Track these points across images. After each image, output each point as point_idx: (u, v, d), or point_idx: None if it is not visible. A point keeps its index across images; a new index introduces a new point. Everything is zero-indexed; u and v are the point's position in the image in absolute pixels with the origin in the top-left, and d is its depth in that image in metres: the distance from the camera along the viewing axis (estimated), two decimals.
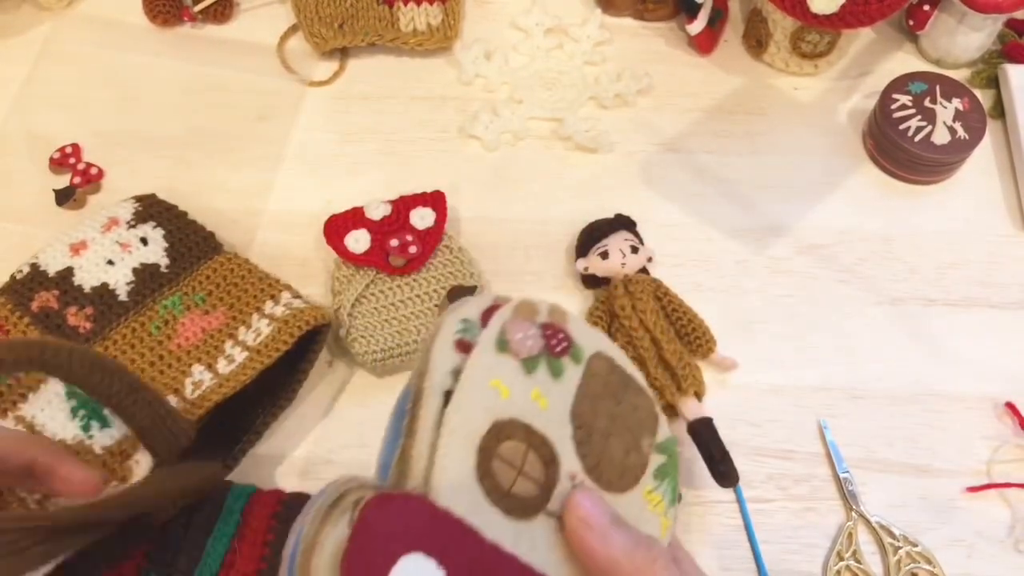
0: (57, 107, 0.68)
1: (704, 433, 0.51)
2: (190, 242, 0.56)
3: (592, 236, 0.59)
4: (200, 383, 0.49)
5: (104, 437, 0.46)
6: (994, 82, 0.69)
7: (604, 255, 0.57)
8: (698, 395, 0.53)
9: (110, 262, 0.53)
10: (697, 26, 0.68)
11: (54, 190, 0.63)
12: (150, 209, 0.56)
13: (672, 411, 0.53)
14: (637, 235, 0.59)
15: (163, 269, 0.54)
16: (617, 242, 0.57)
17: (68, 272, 0.53)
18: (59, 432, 0.46)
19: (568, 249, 0.61)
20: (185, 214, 0.57)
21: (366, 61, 0.71)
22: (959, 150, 0.62)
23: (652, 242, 0.59)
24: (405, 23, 0.70)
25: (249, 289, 0.54)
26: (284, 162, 0.65)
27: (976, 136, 0.62)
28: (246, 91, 0.69)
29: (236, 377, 0.49)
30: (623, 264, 0.57)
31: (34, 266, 0.54)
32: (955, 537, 0.51)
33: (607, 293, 0.57)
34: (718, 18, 0.70)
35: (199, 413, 0.48)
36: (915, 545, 0.50)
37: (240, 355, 0.50)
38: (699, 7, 0.67)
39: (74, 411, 0.46)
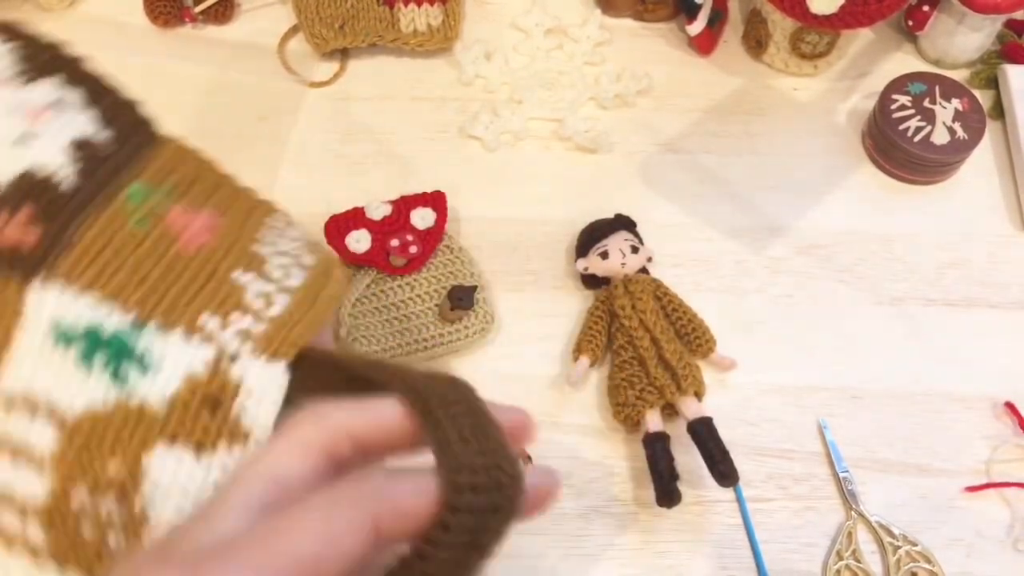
0: None
1: (704, 433, 0.51)
2: (124, 108, 0.38)
3: (592, 236, 0.59)
4: (269, 297, 0.32)
5: (156, 383, 0.29)
6: (993, 82, 0.69)
7: (604, 255, 0.57)
8: (698, 395, 0.53)
9: (18, 142, 0.33)
10: (697, 27, 0.68)
11: None
12: (42, 52, 0.38)
13: (672, 411, 0.53)
14: (637, 235, 0.59)
15: (108, 145, 0.35)
16: (617, 242, 0.57)
17: None
18: (78, 398, 0.29)
19: (568, 249, 0.61)
20: (99, 71, 0.39)
21: (366, 62, 0.71)
22: (958, 150, 0.62)
23: (652, 242, 0.59)
24: (405, 24, 0.70)
25: (227, 190, 0.37)
26: (284, 162, 0.65)
27: (975, 136, 0.62)
28: (247, 92, 0.69)
29: (322, 288, 0.34)
30: (623, 264, 0.57)
31: None
32: (954, 536, 0.51)
33: (607, 293, 0.57)
34: (718, 19, 0.70)
35: (303, 334, 0.31)
36: (914, 544, 0.50)
37: (295, 269, 0.34)
38: (699, 8, 0.67)
39: (85, 358, 0.29)
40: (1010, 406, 0.55)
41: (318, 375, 0.30)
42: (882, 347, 0.58)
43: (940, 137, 0.62)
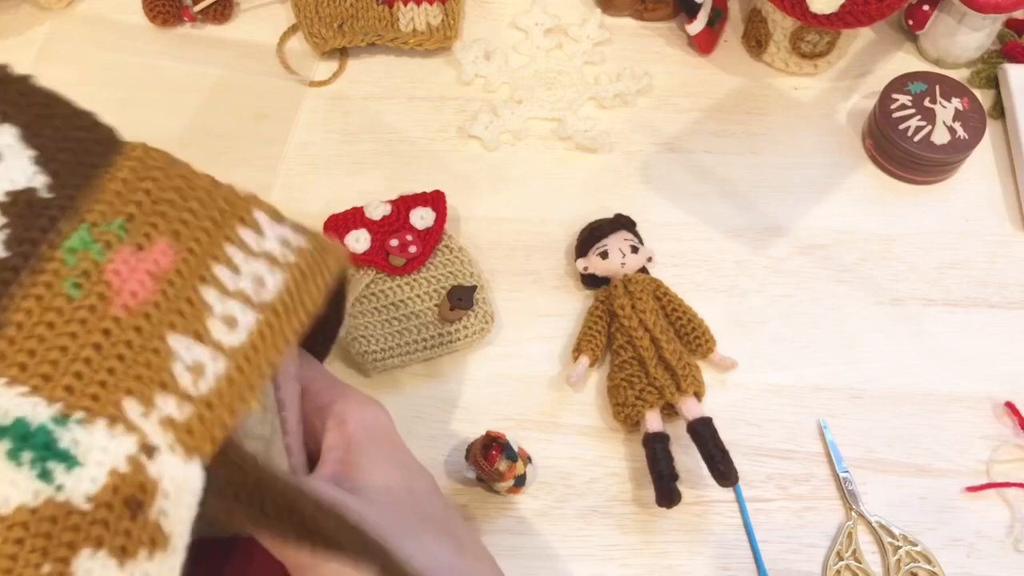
0: None
1: (704, 433, 0.51)
2: (69, 138, 0.32)
3: (592, 236, 0.59)
4: (200, 368, 0.28)
5: (82, 481, 0.27)
6: (994, 82, 0.69)
7: (604, 255, 0.57)
8: (698, 395, 0.53)
9: None
10: (697, 26, 0.68)
11: None
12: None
13: (672, 411, 0.53)
14: (637, 235, 0.59)
15: (43, 193, 0.30)
16: (617, 242, 0.57)
17: None
18: (11, 496, 0.26)
19: (568, 249, 0.61)
20: (42, 90, 0.35)
21: (366, 61, 0.71)
22: (959, 150, 0.62)
23: (652, 242, 0.59)
24: (405, 23, 0.70)
25: (197, 210, 0.32)
26: (284, 162, 0.65)
27: (976, 136, 0.62)
28: (246, 91, 0.69)
29: (262, 353, 0.30)
30: (623, 264, 0.57)
31: None
32: (955, 537, 0.51)
33: (607, 293, 0.57)
34: (718, 18, 0.70)
35: (228, 424, 0.28)
36: (915, 545, 0.50)
37: (247, 316, 0.30)
38: (699, 7, 0.67)
39: (13, 455, 0.26)
40: (1010, 406, 0.55)
41: (236, 479, 0.28)
42: (882, 347, 0.57)
43: (940, 137, 0.62)
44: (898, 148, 0.62)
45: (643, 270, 0.58)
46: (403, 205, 0.59)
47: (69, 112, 0.33)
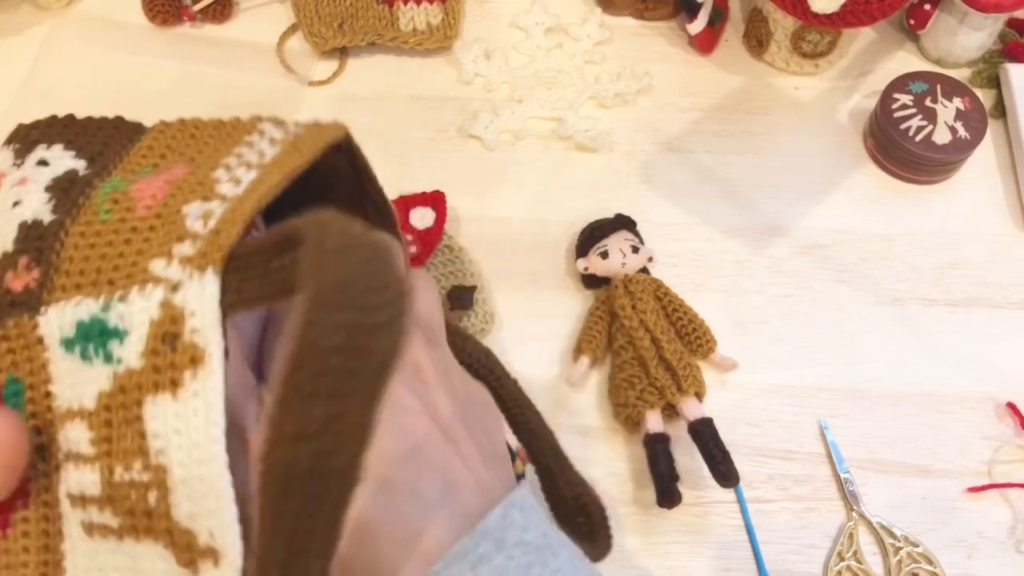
0: (56, 107, 0.68)
1: (704, 433, 0.51)
2: (104, 136, 0.39)
3: (592, 236, 0.59)
4: (209, 214, 0.31)
5: (131, 345, 0.30)
6: (995, 82, 0.68)
7: (604, 255, 0.57)
8: (698, 395, 0.53)
9: (16, 203, 0.36)
10: (697, 26, 0.68)
11: None
12: (27, 137, 0.40)
13: (673, 411, 0.53)
14: (637, 235, 0.59)
15: (82, 172, 0.37)
16: (617, 242, 0.57)
17: None
18: (91, 390, 0.30)
19: (568, 249, 0.61)
20: (73, 117, 0.41)
21: (366, 61, 0.71)
22: (960, 150, 0.62)
23: (652, 242, 0.59)
24: (405, 22, 0.70)
25: (211, 141, 0.37)
26: None
27: (977, 136, 0.62)
28: (246, 91, 0.69)
29: (259, 185, 0.32)
30: (623, 264, 0.57)
31: None
32: (956, 538, 0.51)
33: (607, 293, 0.57)
34: (718, 18, 0.70)
35: (232, 233, 0.30)
36: (916, 546, 0.50)
37: (248, 175, 0.33)
38: (699, 7, 0.67)
39: (83, 354, 0.31)
40: (1012, 407, 0.55)
41: (255, 261, 0.30)
42: (883, 347, 0.57)
43: (941, 136, 0.62)
44: (899, 148, 0.62)
45: (643, 270, 0.58)
46: (403, 205, 0.59)
47: (103, 121, 0.40)
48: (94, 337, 0.30)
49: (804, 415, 0.55)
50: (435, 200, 0.59)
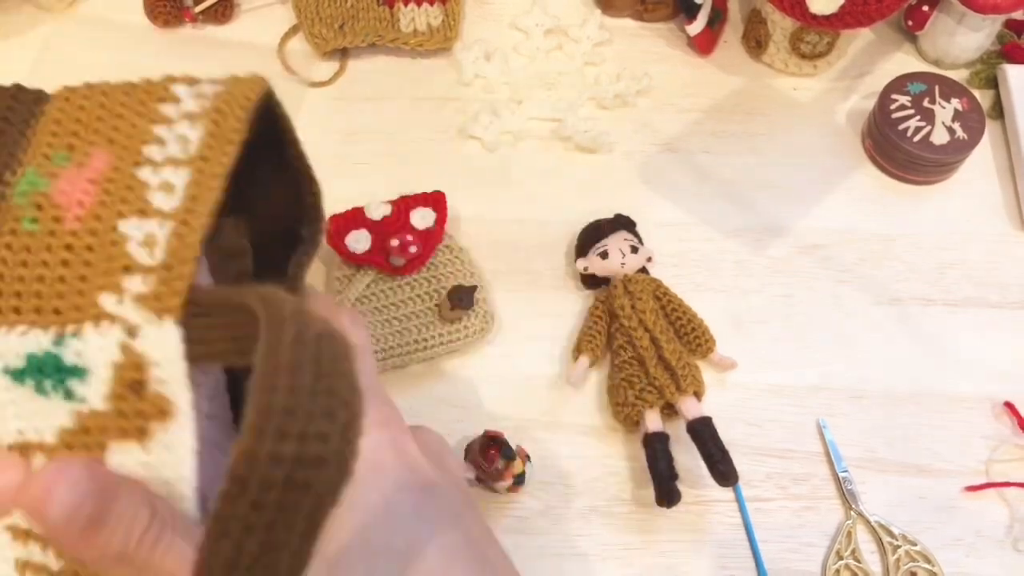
0: None
1: (703, 433, 0.51)
2: (1, 108, 0.35)
3: (592, 236, 0.59)
4: (151, 239, 0.29)
5: (93, 385, 0.28)
6: (993, 82, 0.69)
7: (604, 255, 0.57)
8: (697, 395, 0.53)
9: None
10: (696, 27, 0.68)
11: None
12: None
13: (672, 410, 0.53)
14: (637, 235, 0.59)
15: None
16: (617, 242, 0.58)
17: None
18: (50, 424, 0.29)
19: (568, 249, 0.61)
20: None
21: (366, 62, 0.71)
22: (958, 150, 0.62)
23: (652, 242, 0.59)
24: (405, 24, 0.70)
25: (124, 112, 0.34)
26: None
27: (975, 136, 0.62)
28: None
29: (199, 199, 0.30)
30: (623, 264, 0.57)
31: None
32: (954, 536, 0.51)
33: (607, 293, 0.57)
34: (717, 19, 0.70)
35: (186, 274, 0.28)
36: (914, 544, 0.50)
37: (179, 175, 0.31)
38: (698, 8, 0.67)
39: (39, 388, 0.29)
40: (1010, 406, 0.55)
41: (214, 314, 0.29)
42: (882, 347, 0.58)
43: (940, 137, 0.62)
44: (897, 148, 0.62)
45: (643, 270, 0.58)
46: (403, 205, 0.59)
47: None
48: (50, 372, 0.28)
49: (803, 414, 0.55)
50: (435, 200, 0.59)
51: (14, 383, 0.29)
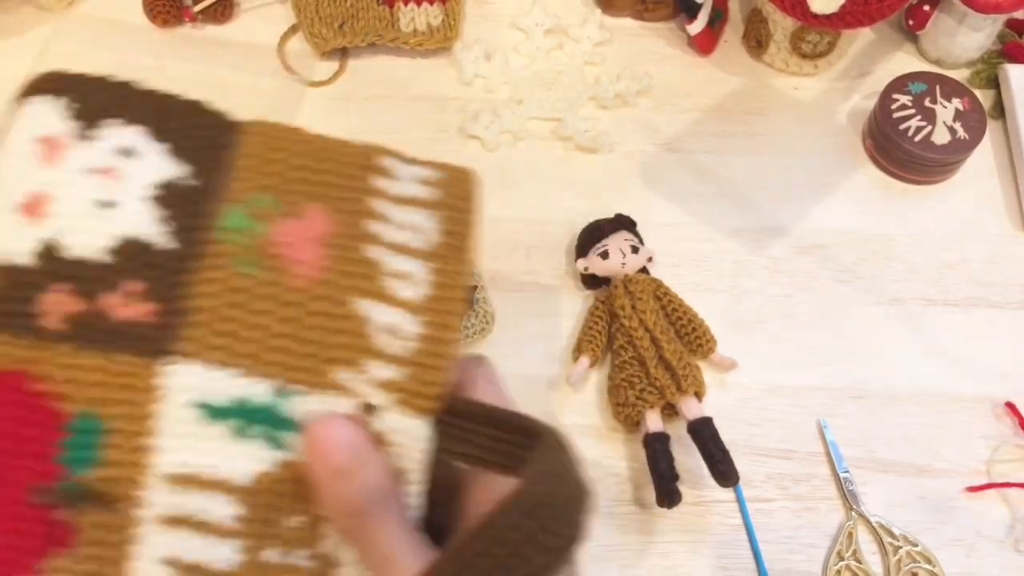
0: None
1: (704, 433, 0.51)
2: (191, 125, 0.33)
3: (592, 236, 0.59)
4: (394, 329, 0.29)
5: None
6: (994, 82, 0.69)
7: (604, 255, 0.57)
8: (698, 395, 0.53)
9: (107, 203, 0.30)
10: (697, 26, 0.68)
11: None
12: (90, 98, 0.35)
13: (672, 411, 0.53)
14: (637, 235, 0.59)
15: (189, 181, 0.31)
16: (617, 242, 0.57)
17: (51, 249, 0.30)
18: (246, 466, 0.28)
19: (568, 249, 0.61)
20: (151, 90, 0.36)
21: (366, 61, 0.71)
22: (959, 150, 0.62)
23: (652, 242, 0.59)
24: (405, 23, 0.70)
25: (330, 169, 0.33)
26: None
27: (976, 136, 0.62)
28: (246, 91, 0.69)
29: (446, 304, 0.30)
30: (623, 264, 0.57)
31: None
32: (955, 537, 0.51)
33: (607, 293, 0.57)
34: (718, 18, 0.70)
35: (439, 380, 0.29)
36: (915, 545, 0.50)
37: (417, 267, 0.30)
38: (699, 7, 0.67)
39: (240, 432, 0.28)
40: (1010, 406, 0.55)
41: (461, 421, 0.30)
42: (882, 347, 0.57)
43: (941, 137, 0.62)
44: (898, 148, 0.62)
45: (643, 270, 0.58)
46: None
47: (182, 104, 0.34)
48: (261, 421, 0.28)
49: (803, 415, 0.55)
50: None
51: (204, 418, 0.28)
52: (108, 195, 0.30)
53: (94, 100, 0.34)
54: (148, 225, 0.30)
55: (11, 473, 0.27)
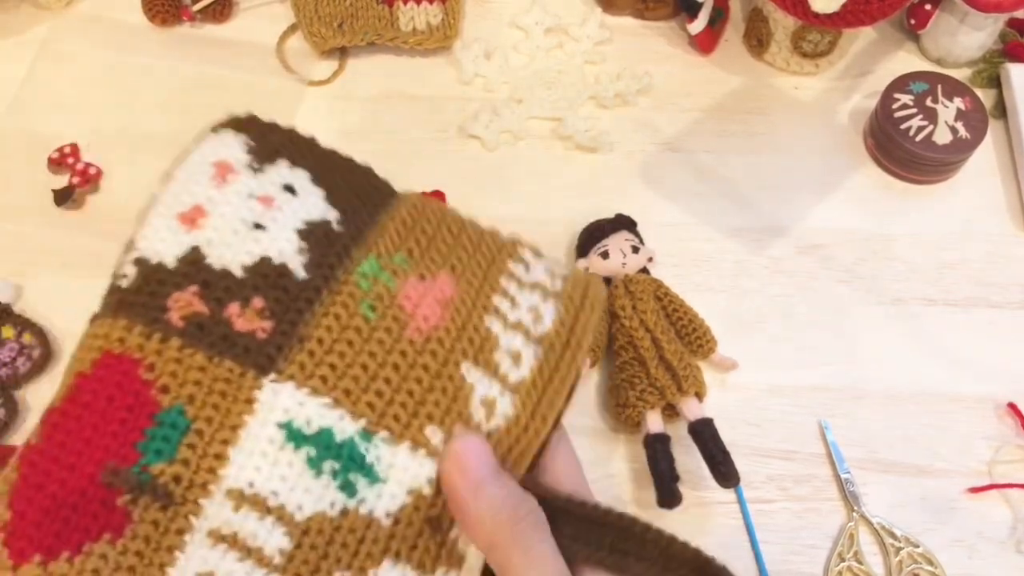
0: (56, 107, 0.68)
1: (705, 433, 0.51)
2: (352, 183, 0.36)
3: (592, 236, 0.59)
4: (491, 403, 0.30)
5: (383, 496, 0.28)
6: (995, 82, 0.68)
7: (604, 255, 0.57)
8: (699, 395, 0.53)
9: (257, 226, 0.32)
10: (697, 25, 0.68)
11: (53, 190, 0.63)
12: (268, 140, 0.37)
13: (673, 411, 0.53)
14: (637, 235, 0.59)
15: (335, 226, 0.33)
16: (617, 242, 0.57)
17: (196, 255, 0.32)
18: (306, 502, 0.28)
19: (568, 249, 0.61)
20: (325, 147, 0.38)
21: (366, 61, 0.71)
22: (960, 150, 0.62)
23: (652, 242, 0.59)
24: (405, 22, 0.70)
25: (469, 247, 0.34)
26: None
27: (977, 136, 0.62)
28: (245, 91, 0.69)
29: (549, 393, 0.30)
30: (623, 264, 0.57)
31: (140, 261, 0.32)
32: (956, 538, 0.51)
33: (608, 293, 0.57)
34: (719, 17, 0.70)
35: (520, 464, 0.30)
36: (916, 546, 0.50)
37: (528, 350, 0.31)
38: (700, 6, 0.67)
39: (314, 463, 0.28)
40: (1012, 407, 0.54)
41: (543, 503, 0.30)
42: (883, 347, 0.57)
43: (942, 136, 0.62)
44: (899, 148, 0.62)
45: (644, 270, 0.58)
46: None
47: (351, 164, 0.37)
48: (339, 457, 0.28)
49: (804, 415, 0.55)
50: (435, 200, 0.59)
51: (287, 442, 0.28)
52: (260, 219, 0.32)
53: (271, 141, 0.36)
54: (289, 253, 0.32)
55: (92, 449, 0.27)
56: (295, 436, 0.28)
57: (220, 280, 0.31)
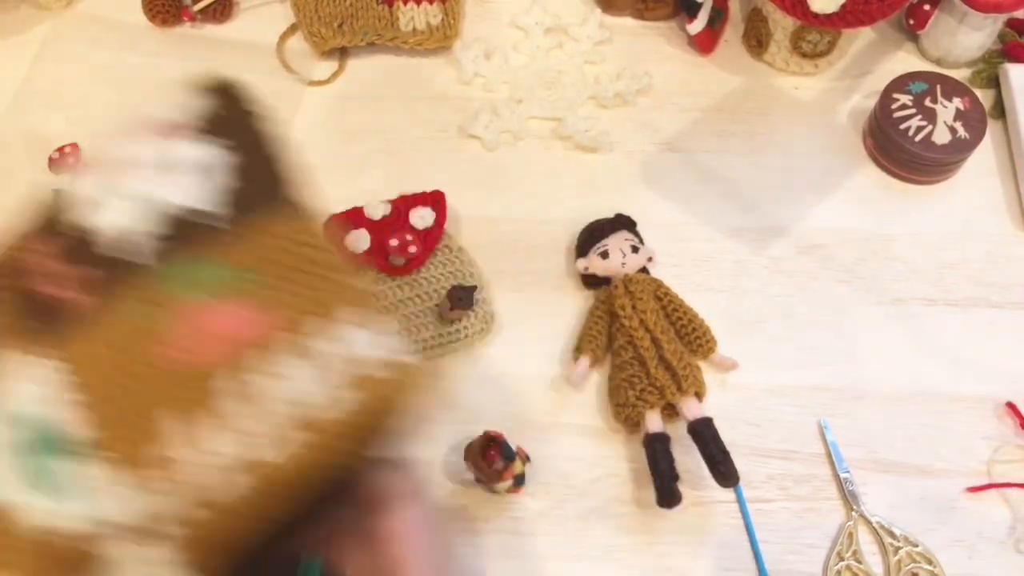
0: (56, 107, 0.68)
1: (704, 433, 0.51)
2: (259, 186, 0.36)
3: (592, 236, 0.59)
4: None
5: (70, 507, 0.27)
6: (994, 82, 0.68)
7: (604, 255, 0.57)
8: (699, 395, 0.53)
9: (139, 196, 0.33)
10: (697, 26, 0.68)
11: (53, 190, 0.63)
12: (228, 113, 0.38)
13: (673, 411, 0.53)
14: (637, 235, 0.59)
15: (203, 220, 0.33)
16: (617, 242, 0.57)
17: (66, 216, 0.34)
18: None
19: (568, 249, 0.61)
20: (257, 126, 0.38)
21: (366, 61, 0.71)
22: (959, 150, 0.62)
23: (652, 242, 0.59)
24: (405, 22, 0.70)
25: (317, 283, 0.32)
26: None
27: (976, 136, 0.62)
28: None
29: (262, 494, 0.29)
30: (623, 264, 0.57)
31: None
32: (956, 537, 0.51)
33: (607, 293, 0.57)
34: (718, 18, 0.70)
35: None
36: (916, 545, 0.50)
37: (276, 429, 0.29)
38: (699, 7, 0.67)
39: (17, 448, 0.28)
40: (1011, 406, 0.55)
41: None
42: (883, 347, 0.57)
43: (941, 136, 0.62)
44: (899, 148, 0.62)
45: (643, 270, 0.58)
46: (403, 205, 0.59)
47: (273, 165, 0.37)
48: (48, 458, 0.28)
49: (804, 415, 0.55)
50: (435, 200, 0.59)
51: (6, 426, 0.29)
52: (151, 188, 0.32)
53: (228, 113, 0.37)
54: (144, 235, 0.31)
55: None
56: (13, 419, 0.29)
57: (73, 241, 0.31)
